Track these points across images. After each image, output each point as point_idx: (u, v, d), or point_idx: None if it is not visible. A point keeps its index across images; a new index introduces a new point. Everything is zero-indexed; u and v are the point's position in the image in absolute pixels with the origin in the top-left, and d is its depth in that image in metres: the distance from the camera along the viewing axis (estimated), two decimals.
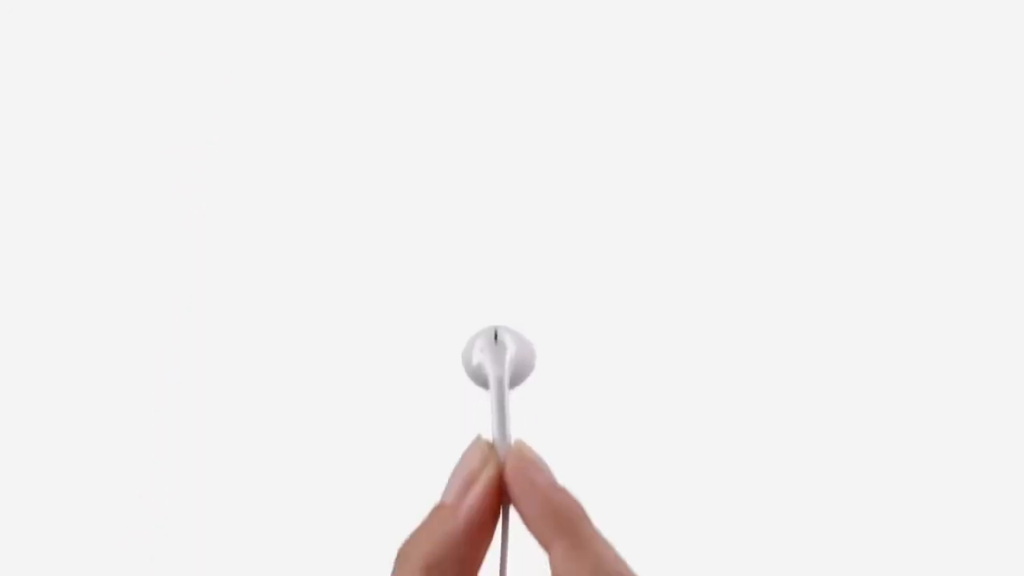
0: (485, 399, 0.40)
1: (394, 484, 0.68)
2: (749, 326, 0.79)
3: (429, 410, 0.68)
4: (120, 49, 0.79)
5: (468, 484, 0.38)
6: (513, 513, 0.39)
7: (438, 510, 0.38)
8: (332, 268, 0.77)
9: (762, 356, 0.78)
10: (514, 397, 0.40)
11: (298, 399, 0.75)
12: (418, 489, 0.41)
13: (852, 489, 0.78)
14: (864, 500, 0.77)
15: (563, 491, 0.38)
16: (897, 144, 0.80)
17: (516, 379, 0.41)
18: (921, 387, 0.78)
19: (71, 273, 0.78)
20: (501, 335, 0.41)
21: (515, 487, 0.38)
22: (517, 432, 0.39)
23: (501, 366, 0.40)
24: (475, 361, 0.40)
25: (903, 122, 0.80)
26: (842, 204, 0.80)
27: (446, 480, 0.38)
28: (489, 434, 0.39)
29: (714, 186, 0.80)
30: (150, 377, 0.76)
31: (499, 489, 0.38)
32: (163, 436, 0.75)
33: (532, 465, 0.38)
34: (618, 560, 0.37)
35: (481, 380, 0.41)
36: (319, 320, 0.77)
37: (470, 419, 0.41)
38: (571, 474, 0.39)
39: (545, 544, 0.37)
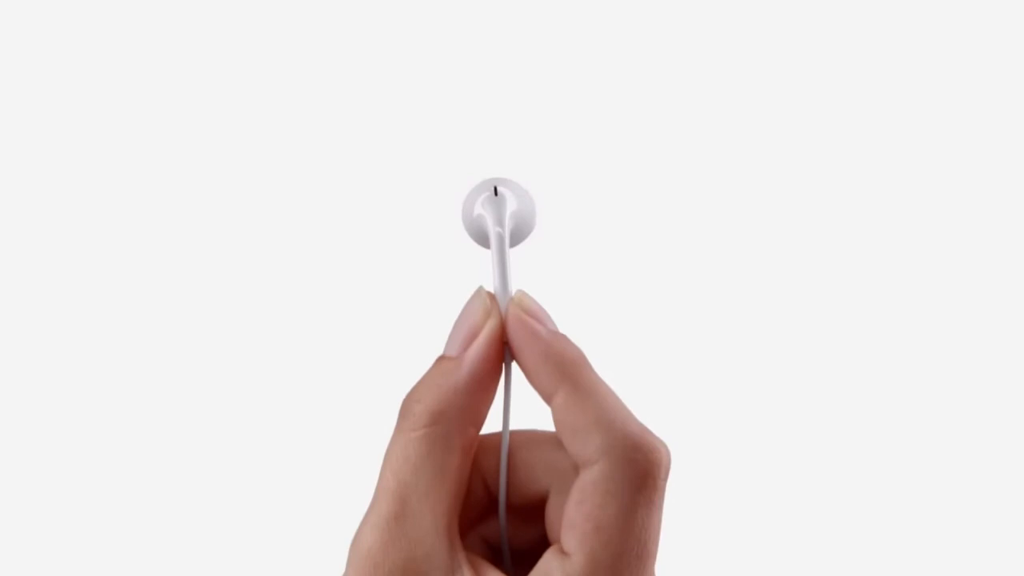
0: (485, 256, 0.40)
1: (395, 340, 0.68)
2: (749, 177, 0.78)
3: (429, 264, 0.68)
4: (119, 49, 0.77)
5: (471, 336, 0.37)
6: (516, 370, 0.39)
7: (441, 362, 0.38)
8: (336, 126, 0.77)
9: (764, 201, 0.78)
10: (515, 256, 0.40)
11: (298, 254, 0.76)
12: (420, 342, 0.41)
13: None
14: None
15: (563, 338, 0.38)
16: (897, 144, 0.79)
17: (517, 235, 0.40)
18: (918, 385, 0.78)
19: (68, 274, 0.77)
20: (501, 189, 0.40)
21: (516, 336, 0.38)
22: (517, 287, 0.39)
23: (502, 220, 0.39)
24: (475, 213, 0.40)
25: (903, 122, 0.79)
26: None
27: (448, 333, 0.38)
28: (491, 288, 0.39)
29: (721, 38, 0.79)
30: (146, 373, 0.76)
31: (502, 341, 0.38)
32: (159, 430, 0.76)
33: (533, 314, 0.38)
34: (621, 405, 0.37)
35: (481, 234, 0.40)
36: (323, 184, 0.76)
37: (470, 275, 0.40)
38: (572, 326, 0.39)
39: (547, 395, 0.37)
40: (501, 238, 0.39)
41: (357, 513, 0.37)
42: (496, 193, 0.40)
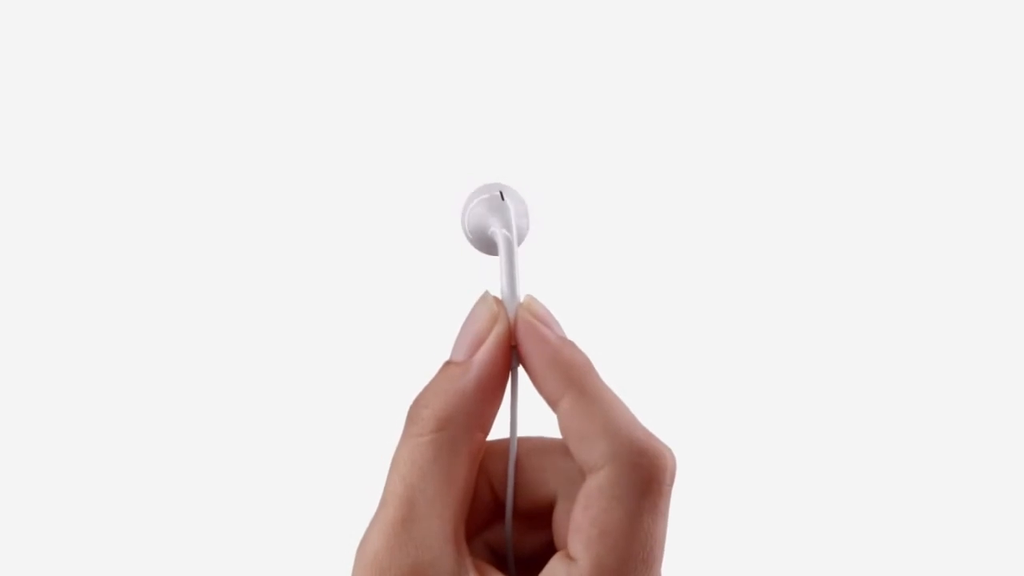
0: (486, 260, 0.40)
1: (401, 345, 0.68)
2: (746, 181, 0.78)
3: (434, 269, 0.68)
4: (119, 50, 0.77)
5: (478, 341, 0.37)
6: (523, 376, 0.38)
7: (448, 367, 0.38)
8: (337, 132, 0.77)
9: (762, 196, 0.78)
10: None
11: (302, 261, 0.76)
12: (427, 347, 0.41)
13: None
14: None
15: (572, 344, 0.38)
16: (889, 144, 0.79)
17: (517, 239, 0.40)
18: (920, 387, 0.78)
19: (70, 277, 0.77)
20: (505, 193, 0.40)
21: (525, 342, 0.38)
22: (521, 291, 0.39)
23: (509, 224, 0.39)
24: (481, 221, 0.40)
25: (894, 123, 0.79)
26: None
27: (455, 338, 0.38)
28: (496, 292, 0.39)
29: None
30: (153, 381, 0.76)
31: (509, 346, 0.38)
32: (165, 437, 0.76)
33: (542, 319, 0.38)
34: (627, 411, 0.37)
35: (483, 239, 0.40)
36: (326, 191, 0.77)
37: (473, 280, 0.40)
38: (573, 330, 0.39)
39: (553, 400, 0.37)
40: (510, 243, 0.39)
41: (364, 517, 0.37)
42: (502, 198, 0.40)
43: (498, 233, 0.39)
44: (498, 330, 0.38)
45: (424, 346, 0.42)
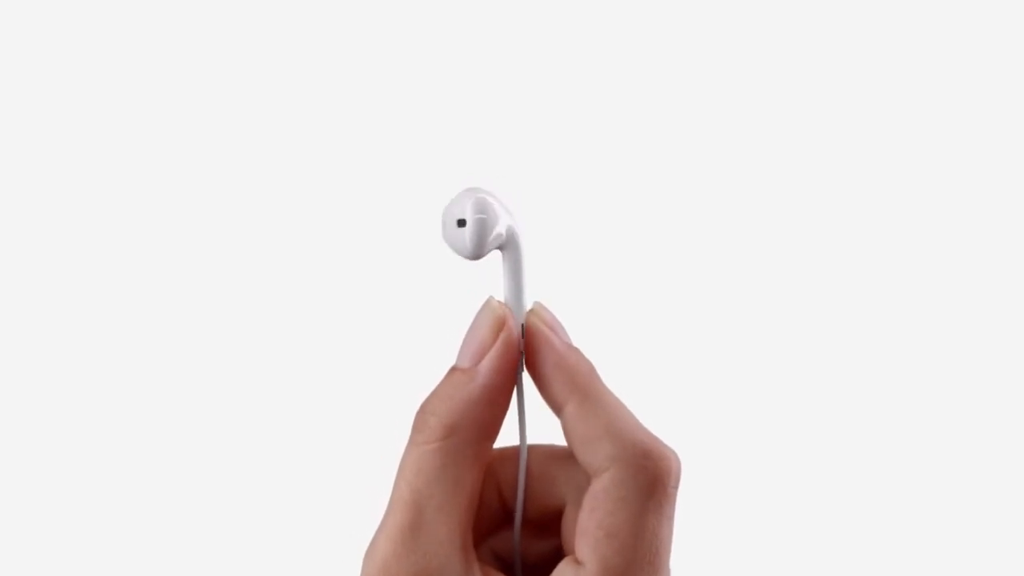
0: (485, 263, 0.39)
1: (407, 350, 0.68)
2: (736, 184, 0.78)
3: (438, 271, 0.68)
4: (118, 49, 0.77)
5: (484, 347, 0.37)
6: (529, 382, 0.38)
7: (453, 374, 0.38)
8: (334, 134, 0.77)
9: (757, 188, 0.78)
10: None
11: (307, 266, 0.76)
12: (432, 351, 0.41)
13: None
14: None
15: (577, 351, 0.38)
16: (897, 144, 0.79)
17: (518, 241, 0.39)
18: (920, 388, 0.78)
19: (70, 279, 0.77)
20: (499, 199, 0.39)
21: (533, 347, 0.38)
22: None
23: (512, 227, 0.38)
24: (492, 229, 0.39)
25: (902, 122, 0.79)
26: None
27: (460, 343, 0.38)
28: (500, 296, 0.39)
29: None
30: (158, 388, 0.76)
31: (516, 351, 0.38)
32: (171, 443, 0.76)
33: (550, 326, 0.38)
34: (630, 415, 0.37)
35: (482, 247, 0.38)
36: (329, 194, 0.77)
37: (473, 282, 0.40)
38: (575, 334, 0.39)
39: (558, 405, 0.38)
40: (518, 248, 0.39)
41: (371, 524, 0.37)
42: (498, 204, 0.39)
43: (505, 238, 0.38)
44: (504, 336, 0.37)
45: (429, 351, 0.42)
